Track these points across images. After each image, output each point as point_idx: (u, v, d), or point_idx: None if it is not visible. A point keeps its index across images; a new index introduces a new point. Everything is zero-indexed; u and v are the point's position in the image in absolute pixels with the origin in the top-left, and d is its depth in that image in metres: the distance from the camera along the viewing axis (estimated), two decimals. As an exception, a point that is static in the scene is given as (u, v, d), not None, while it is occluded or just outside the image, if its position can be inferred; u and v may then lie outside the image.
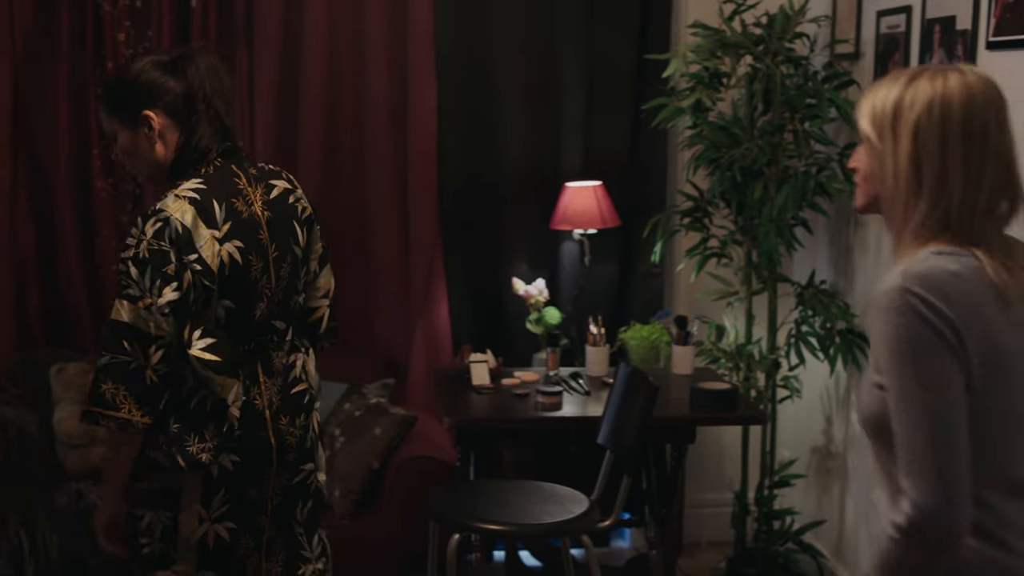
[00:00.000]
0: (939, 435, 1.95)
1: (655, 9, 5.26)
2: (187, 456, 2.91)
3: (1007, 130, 2.11)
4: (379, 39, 5.16)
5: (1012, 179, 2.11)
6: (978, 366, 2.00)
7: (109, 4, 5.06)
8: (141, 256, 2.80)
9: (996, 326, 2.03)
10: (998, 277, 2.05)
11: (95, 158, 5.15)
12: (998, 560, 2.02)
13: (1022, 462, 2.07)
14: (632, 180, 5.33)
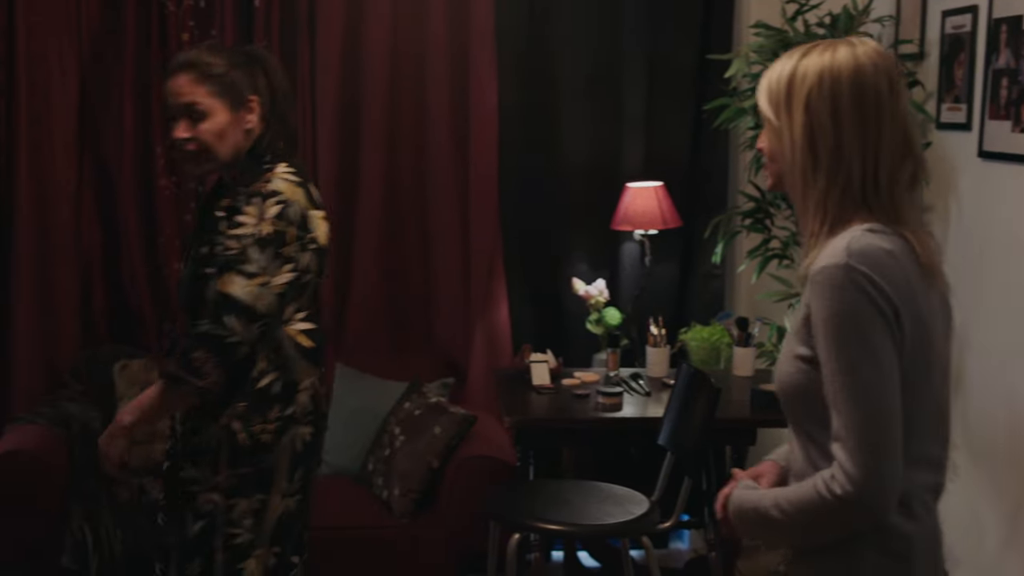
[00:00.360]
0: (878, 412, 1.96)
1: (717, 8, 5.25)
2: (252, 435, 3.01)
3: (902, 99, 2.11)
4: (440, 37, 5.17)
5: (911, 147, 2.11)
6: (909, 344, 2.02)
7: (173, 4, 5.11)
8: (263, 235, 2.91)
9: (924, 305, 2.05)
10: (925, 257, 2.07)
11: (159, 157, 5.19)
12: (905, 526, 2.04)
13: (933, 436, 2.10)
14: (693, 180, 5.32)
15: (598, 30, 5.27)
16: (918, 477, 2.06)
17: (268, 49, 5.08)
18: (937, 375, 2.10)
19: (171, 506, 3.17)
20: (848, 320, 1.99)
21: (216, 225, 3.01)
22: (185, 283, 3.09)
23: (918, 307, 2.04)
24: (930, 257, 2.08)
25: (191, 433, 3.07)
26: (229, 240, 2.93)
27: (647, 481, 4.29)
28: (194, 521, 3.07)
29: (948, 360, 2.17)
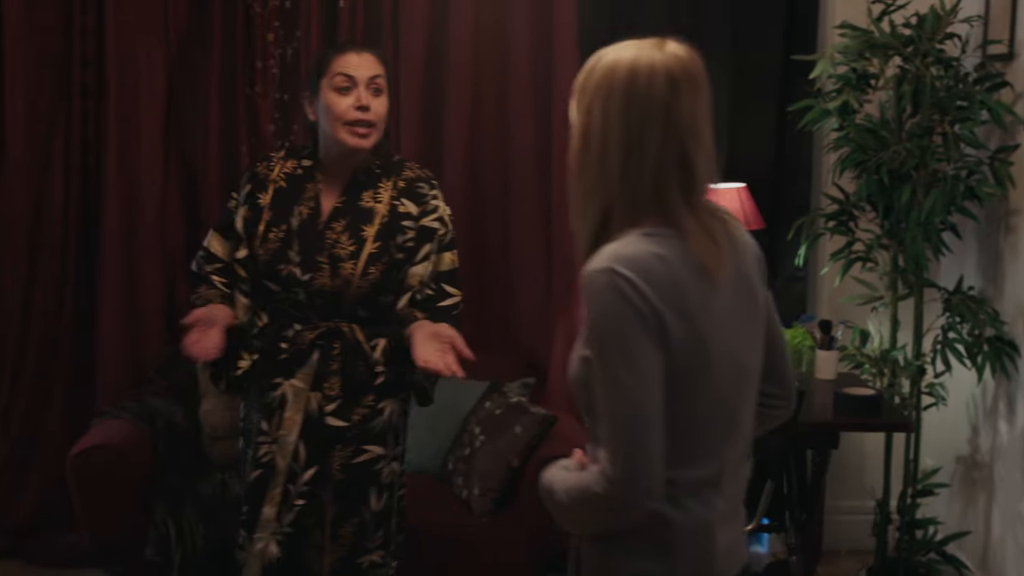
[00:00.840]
0: (635, 417, 1.99)
1: (802, 9, 5.22)
2: (433, 386, 3.50)
3: (685, 108, 2.09)
4: (523, 36, 5.18)
5: (684, 156, 2.09)
6: (679, 348, 2.04)
7: (259, 5, 5.16)
8: (449, 213, 3.46)
9: (701, 307, 2.06)
10: (704, 257, 2.07)
11: (243, 155, 5.25)
12: (686, 524, 2.11)
13: (710, 436, 2.13)
14: (777, 182, 5.30)
15: (681, 30, 5.24)
16: (692, 472, 2.11)
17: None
18: (721, 374, 2.11)
19: (348, 492, 3.36)
20: (609, 325, 2.01)
21: (368, 217, 3.33)
22: (363, 273, 3.32)
23: (690, 310, 2.05)
24: (709, 259, 2.07)
25: (369, 417, 3.36)
26: (432, 222, 3.38)
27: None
28: (379, 495, 3.38)
29: (748, 357, 2.18)
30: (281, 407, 3.36)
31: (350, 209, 3.32)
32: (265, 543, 3.36)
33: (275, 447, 3.36)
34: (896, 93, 4.61)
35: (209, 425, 4.87)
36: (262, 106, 5.24)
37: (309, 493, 3.33)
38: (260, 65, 5.21)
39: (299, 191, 3.40)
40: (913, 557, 4.82)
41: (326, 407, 3.33)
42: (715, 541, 2.16)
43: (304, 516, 3.34)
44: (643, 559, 2.13)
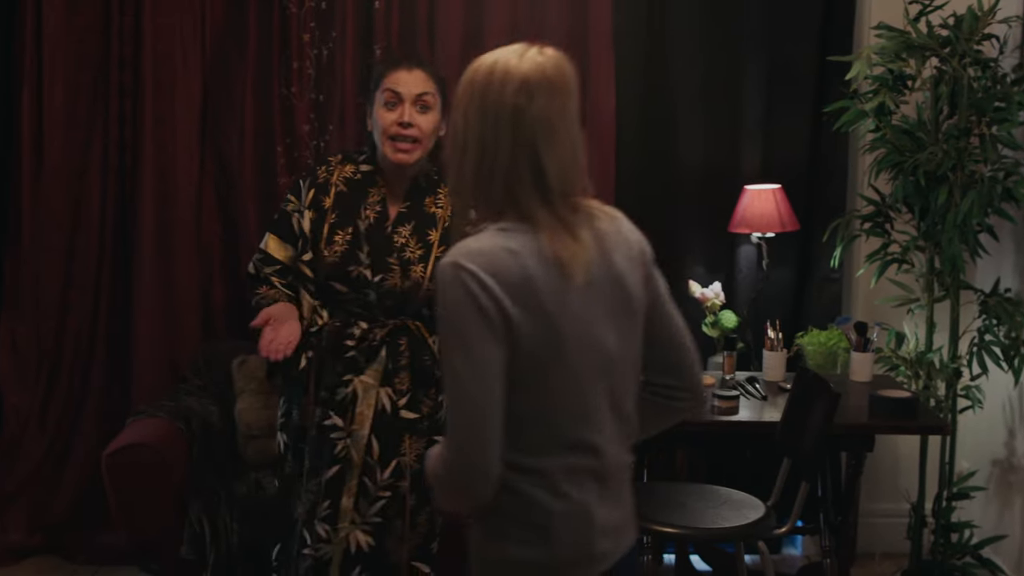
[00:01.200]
0: (468, 410, 2.09)
1: (838, 10, 5.19)
2: None
3: (538, 115, 2.16)
4: (559, 40, 5.13)
5: (537, 160, 2.17)
6: (528, 339, 2.11)
7: (295, 6, 5.18)
8: None
9: (554, 299, 2.14)
10: (555, 252, 2.14)
11: (279, 156, 5.27)
12: (564, 510, 2.18)
13: (576, 424, 2.19)
14: (812, 183, 5.27)
15: (716, 31, 5.24)
16: (563, 459, 2.19)
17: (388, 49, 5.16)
18: (578, 363, 2.17)
19: (422, 485, 3.37)
20: (450, 317, 2.10)
21: (432, 221, 3.45)
22: (432, 276, 3.36)
23: (540, 302, 2.12)
24: (564, 253, 2.15)
25: (437, 408, 3.46)
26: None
27: (760, 485, 4.26)
28: None
29: (615, 348, 2.24)
30: (353, 403, 3.44)
31: (415, 214, 3.43)
32: (347, 532, 3.43)
33: (349, 441, 3.44)
34: (933, 94, 4.59)
35: (244, 424, 4.89)
36: (297, 107, 5.25)
37: (392, 486, 3.42)
38: (296, 66, 5.23)
39: (362, 195, 3.50)
40: (948, 561, 4.79)
41: (398, 401, 3.42)
42: (593, 525, 2.23)
43: (388, 508, 3.43)
44: (521, 545, 2.20)
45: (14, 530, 5.18)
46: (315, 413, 3.52)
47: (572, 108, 2.24)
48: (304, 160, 5.27)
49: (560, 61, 2.24)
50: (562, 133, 2.19)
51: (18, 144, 5.25)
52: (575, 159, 2.23)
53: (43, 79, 5.21)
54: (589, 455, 2.22)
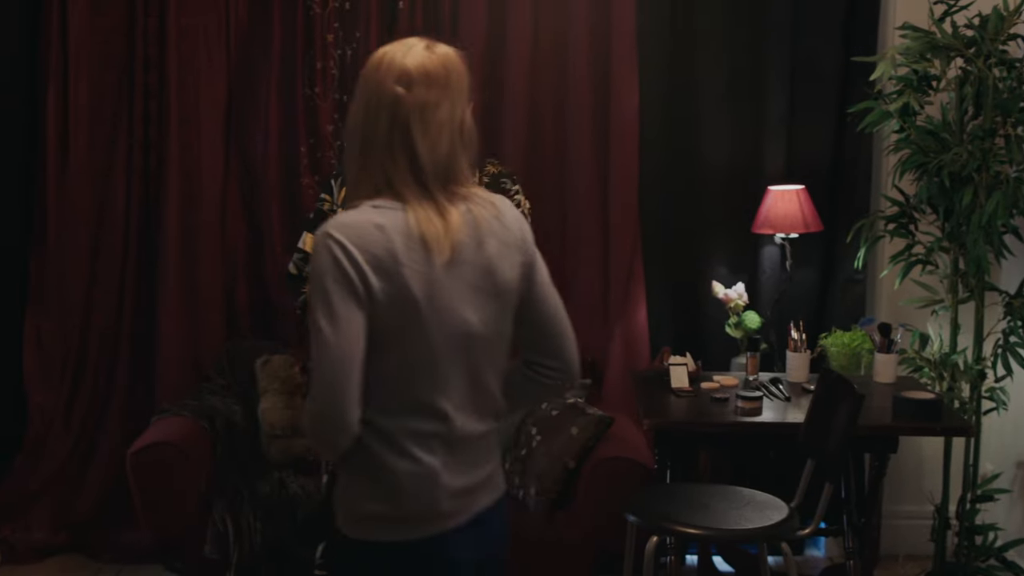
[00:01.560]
0: (328, 366, 2.26)
1: (862, 10, 5.18)
2: None
3: (415, 103, 2.35)
4: (581, 39, 5.19)
5: (407, 150, 2.35)
6: (385, 306, 2.29)
7: (319, 6, 5.20)
8: (525, 211, 3.46)
9: (414, 272, 2.31)
10: (421, 229, 2.32)
11: (302, 156, 5.29)
12: (409, 470, 2.34)
13: (428, 391, 2.36)
14: (836, 184, 5.26)
15: (739, 31, 5.23)
16: (413, 423, 2.35)
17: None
18: (434, 333, 2.34)
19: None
20: (318, 280, 2.28)
21: None
22: None
23: (400, 273, 2.30)
24: (429, 232, 2.32)
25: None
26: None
27: (783, 486, 4.25)
28: None
29: (475, 323, 2.39)
30: None
31: None
32: None
33: None
34: (958, 95, 4.58)
35: (267, 423, 4.90)
36: (321, 107, 5.27)
37: None
38: (320, 66, 5.25)
39: None
40: (972, 563, 4.78)
41: None
42: (438, 486, 2.37)
43: None
44: (372, 499, 2.37)
45: (39, 528, 5.20)
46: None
47: (453, 101, 2.40)
48: (328, 160, 5.29)
49: (447, 59, 2.43)
50: (436, 122, 2.37)
51: (43, 143, 5.28)
52: (452, 147, 2.39)
53: (68, 79, 5.25)
54: (437, 421, 2.38)
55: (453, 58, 2.44)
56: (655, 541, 3.93)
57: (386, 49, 2.42)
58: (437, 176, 2.37)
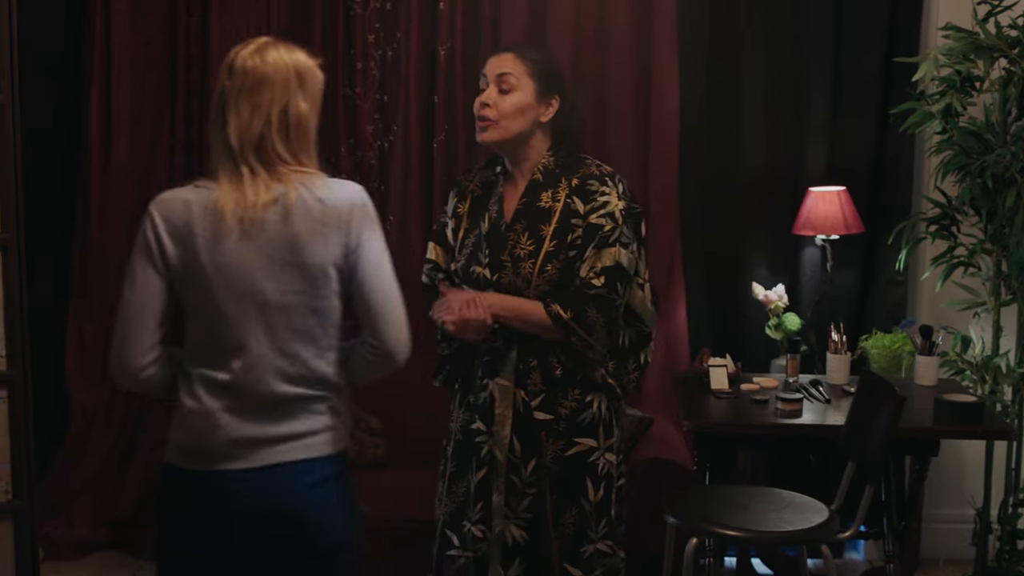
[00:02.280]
0: (123, 319, 2.72)
1: (904, 10, 5.15)
2: (623, 385, 3.46)
3: (232, 94, 2.67)
4: (623, 39, 5.18)
5: (227, 135, 2.66)
6: (179, 270, 2.67)
7: (360, 6, 5.22)
8: (623, 210, 3.35)
9: (207, 245, 2.64)
10: (218, 203, 2.63)
11: (343, 156, 5.31)
12: (193, 408, 2.72)
13: (223, 345, 2.69)
14: (877, 185, 5.23)
15: (781, 30, 5.21)
16: (207, 372, 2.71)
17: (452, 50, 5.17)
18: (223, 297, 2.66)
19: (564, 483, 3.42)
20: (133, 247, 2.70)
21: (546, 216, 3.36)
22: (540, 271, 3.35)
23: (195, 243, 2.64)
24: (226, 208, 2.62)
25: (577, 411, 3.41)
26: (599, 218, 3.32)
27: (822, 488, 4.23)
28: (596, 486, 3.43)
29: (270, 293, 2.66)
30: (491, 405, 3.45)
31: (530, 210, 3.39)
32: (501, 528, 3.45)
33: (492, 442, 3.45)
34: (1001, 96, 4.55)
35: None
36: (362, 107, 5.29)
37: (534, 483, 3.43)
38: (360, 67, 5.27)
39: (489, 196, 3.52)
40: (1013, 568, 4.75)
41: (531, 402, 3.40)
42: (217, 427, 2.70)
43: (534, 504, 3.44)
44: (174, 430, 2.78)
45: (80, 525, 5.24)
46: (460, 417, 3.59)
47: (275, 93, 2.69)
48: (368, 161, 5.31)
49: (278, 59, 2.72)
50: (250, 106, 2.66)
51: (86, 143, 5.32)
52: (264, 131, 2.67)
53: (111, 79, 5.29)
54: (226, 374, 2.69)
55: (285, 60, 2.73)
56: (694, 543, 3.92)
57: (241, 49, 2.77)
58: (245, 156, 2.65)
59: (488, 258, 3.41)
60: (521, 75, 3.37)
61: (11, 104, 4.04)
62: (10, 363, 4.12)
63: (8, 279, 4.09)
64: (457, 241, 3.53)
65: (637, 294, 3.40)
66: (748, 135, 5.25)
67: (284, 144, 2.69)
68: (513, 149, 3.43)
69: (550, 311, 3.29)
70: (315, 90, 2.81)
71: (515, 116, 3.36)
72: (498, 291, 3.39)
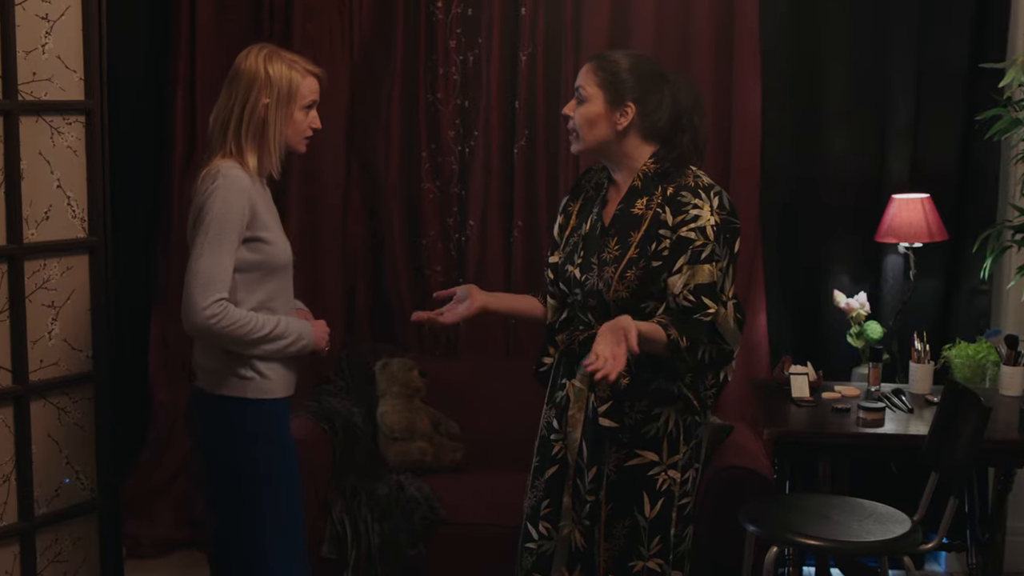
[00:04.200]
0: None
1: (992, 14, 5.08)
2: (701, 399, 3.39)
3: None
4: (704, 42, 5.16)
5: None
6: None
7: (442, 12, 5.24)
8: (716, 223, 3.27)
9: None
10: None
11: (423, 161, 5.33)
12: None
13: None
14: (962, 193, 5.16)
15: (865, 33, 5.17)
16: None
17: (533, 56, 5.17)
18: None
19: (621, 494, 3.41)
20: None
21: (637, 223, 3.34)
22: (620, 276, 3.33)
23: None
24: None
25: (642, 422, 3.36)
26: (689, 232, 3.26)
27: (904, 499, 4.19)
28: (653, 501, 3.38)
29: None
30: (566, 406, 3.47)
31: (624, 216, 3.39)
32: (570, 530, 3.47)
33: (565, 443, 3.48)
34: (1091, 102, 4.49)
35: (386, 426, 4.94)
36: (443, 112, 5.31)
37: (593, 490, 3.43)
38: (442, 71, 5.29)
39: (596, 198, 3.54)
40: (1099, 581, 4.68)
41: (599, 408, 3.40)
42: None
43: (592, 511, 3.43)
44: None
45: (162, 524, 5.31)
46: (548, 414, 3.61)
47: (237, 85, 3.36)
48: (449, 166, 5.33)
49: (252, 56, 3.38)
50: (222, 97, 3.39)
51: (171, 147, 5.39)
52: (217, 122, 3.40)
53: (195, 84, 5.36)
54: None
55: (257, 57, 3.35)
56: (774, 551, 3.89)
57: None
58: (211, 139, 3.42)
59: (581, 259, 3.43)
60: (592, 86, 3.37)
61: (99, 110, 4.11)
62: (95, 363, 4.19)
63: (94, 281, 4.17)
64: (562, 239, 3.56)
65: (720, 311, 3.33)
66: (830, 140, 5.21)
67: (233, 138, 3.41)
68: (604, 157, 3.46)
69: (669, 335, 3.23)
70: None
71: (588, 127, 3.37)
72: (583, 292, 3.40)
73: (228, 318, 3.24)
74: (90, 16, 4.06)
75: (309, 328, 3.55)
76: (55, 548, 4.15)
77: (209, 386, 3.40)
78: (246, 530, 3.43)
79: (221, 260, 3.24)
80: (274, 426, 3.44)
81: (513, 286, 5.30)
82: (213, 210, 3.24)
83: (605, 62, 3.39)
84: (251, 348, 3.33)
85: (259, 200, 3.35)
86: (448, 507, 4.60)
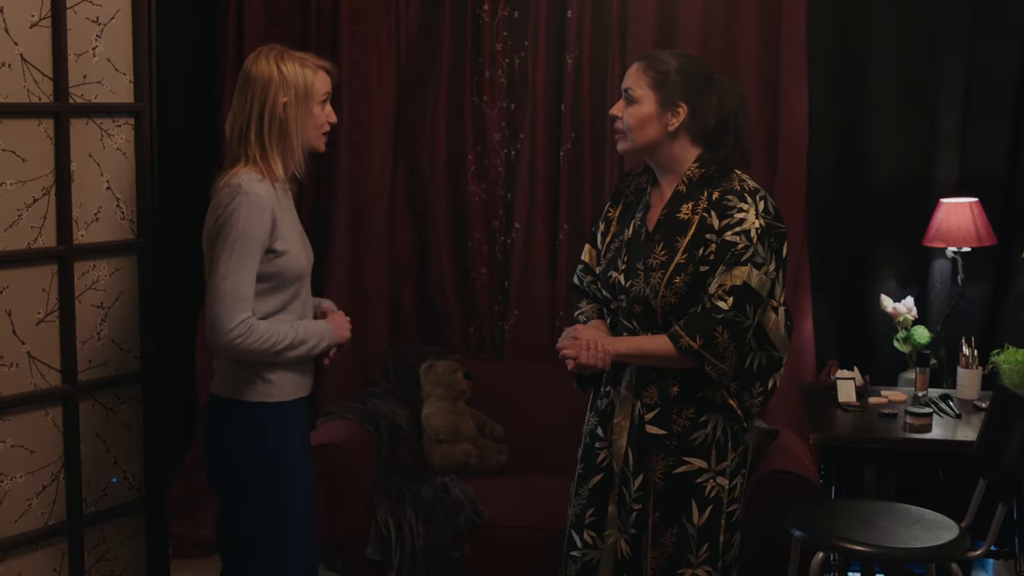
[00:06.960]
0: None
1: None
2: (745, 408, 3.35)
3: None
4: (751, 45, 5.14)
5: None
6: None
7: (489, 15, 5.25)
8: (760, 227, 3.27)
9: None
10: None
11: (470, 164, 5.34)
12: None
13: None
14: (1011, 197, 5.12)
15: (913, 35, 5.13)
16: None
17: (579, 58, 5.17)
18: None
19: (668, 501, 3.39)
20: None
21: (683, 228, 3.32)
22: (668, 282, 3.32)
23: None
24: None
25: (690, 429, 3.36)
26: (733, 235, 3.25)
27: (951, 505, 4.16)
28: (702, 509, 3.37)
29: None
30: (611, 413, 3.47)
31: (669, 221, 3.38)
32: (615, 539, 3.47)
33: (610, 451, 3.47)
34: None
35: (431, 428, 4.95)
36: (489, 115, 5.32)
37: (640, 498, 3.41)
38: (488, 75, 5.30)
39: (638, 203, 3.52)
40: None
41: (646, 415, 3.39)
42: None
43: (639, 520, 3.42)
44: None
45: (206, 524, 5.32)
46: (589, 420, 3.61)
47: (251, 90, 3.31)
48: (495, 168, 5.33)
49: (262, 58, 3.32)
50: (236, 104, 3.35)
51: (219, 151, 5.41)
52: (234, 127, 3.36)
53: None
54: None
55: (266, 60, 3.31)
56: (820, 557, 3.87)
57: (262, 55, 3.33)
58: (230, 147, 3.38)
59: (625, 265, 3.41)
60: (643, 86, 3.35)
61: (148, 112, 4.14)
62: (142, 364, 4.22)
63: (143, 282, 4.20)
64: (604, 245, 3.54)
65: (771, 317, 3.32)
66: (878, 143, 5.17)
67: (258, 143, 3.38)
68: (652, 158, 3.44)
69: (679, 344, 3.24)
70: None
71: (639, 128, 3.36)
72: (629, 298, 3.39)
73: (253, 335, 3.24)
74: (140, 19, 4.09)
75: (328, 328, 3.55)
76: (102, 547, 4.18)
77: (219, 389, 3.42)
78: (262, 533, 3.46)
79: (245, 278, 3.24)
80: (280, 428, 3.43)
81: (558, 289, 5.30)
82: (236, 228, 3.24)
83: (655, 62, 3.37)
84: (277, 358, 3.33)
85: (280, 211, 3.35)
86: (491, 510, 4.61)
